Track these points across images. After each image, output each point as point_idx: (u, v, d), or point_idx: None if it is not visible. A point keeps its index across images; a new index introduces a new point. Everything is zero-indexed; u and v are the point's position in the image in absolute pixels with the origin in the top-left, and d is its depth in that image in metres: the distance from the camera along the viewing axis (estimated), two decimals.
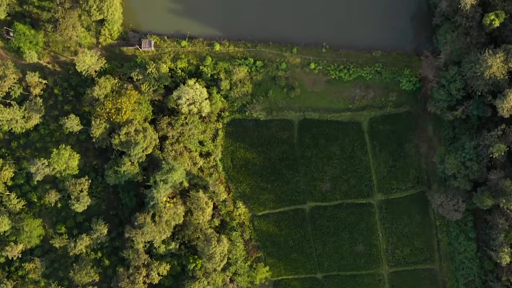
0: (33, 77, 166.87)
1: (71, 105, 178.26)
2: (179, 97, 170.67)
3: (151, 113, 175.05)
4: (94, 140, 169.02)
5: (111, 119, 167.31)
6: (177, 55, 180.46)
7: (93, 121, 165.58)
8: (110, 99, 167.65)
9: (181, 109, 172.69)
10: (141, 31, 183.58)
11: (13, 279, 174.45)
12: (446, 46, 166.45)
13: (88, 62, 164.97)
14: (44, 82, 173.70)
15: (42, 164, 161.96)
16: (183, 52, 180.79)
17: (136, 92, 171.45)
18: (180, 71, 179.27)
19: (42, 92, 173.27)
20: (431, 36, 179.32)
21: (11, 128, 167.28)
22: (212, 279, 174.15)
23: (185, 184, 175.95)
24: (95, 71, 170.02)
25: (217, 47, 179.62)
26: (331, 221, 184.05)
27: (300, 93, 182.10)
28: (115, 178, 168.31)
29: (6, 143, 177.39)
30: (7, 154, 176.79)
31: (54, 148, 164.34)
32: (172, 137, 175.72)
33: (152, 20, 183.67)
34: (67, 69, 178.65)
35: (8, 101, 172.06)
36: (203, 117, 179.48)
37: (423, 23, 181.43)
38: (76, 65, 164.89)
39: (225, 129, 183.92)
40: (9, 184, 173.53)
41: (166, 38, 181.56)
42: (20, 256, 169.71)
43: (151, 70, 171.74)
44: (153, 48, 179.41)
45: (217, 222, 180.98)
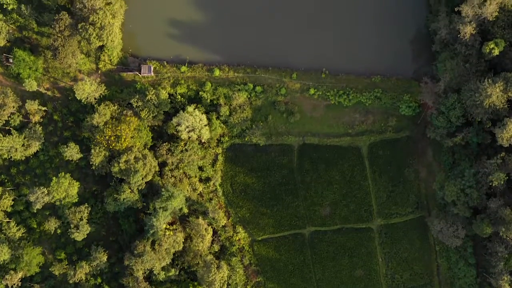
0: (32, 105, 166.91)
1: (71, 131, 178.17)
2: (179, 123, 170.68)
3: (150, 140, 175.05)
4: (93, 167, 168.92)
5: (111, 147, 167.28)
6: (177, 81, 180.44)
7: (92, 149, 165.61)
8: (110, 126, 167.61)
9: (180, 135, 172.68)
10: (141, 56, 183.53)
11: None
12: (445, 73, 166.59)
13: (88, 90, 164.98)
14: (44, 109, 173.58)
15: (42, 192, 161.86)
16: (182, 78, 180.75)
17: (136, 119, 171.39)
18: (179, 96, 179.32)
19: (41, 119, 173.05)
20: (430, 62, 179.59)
21: (11, 156, 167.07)
22: None
23: (185, 210, 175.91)
24: (95, 98, 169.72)
25: (217, 72, 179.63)
26: (330, 245, 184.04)
27: (299, 118, 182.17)
28: (114, 206, 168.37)
29: (6, 169, 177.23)
30: (6, 180, 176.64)
31: (54, 177, 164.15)
32: (172, 163, 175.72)
33: (151, 45, 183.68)
34: (66, 95, 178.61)
35: (8, 128, 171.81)
36: (202, 143, 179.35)
37: (422, 49, 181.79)
38: (76, 93, 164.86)
39: (224, 154, 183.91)
40: (9, 210, 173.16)
41: (165, 63, 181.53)
42: (19, 284, 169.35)
43: (150, 97, 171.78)
44: (152, 74, 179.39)
45: (216, 247, 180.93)
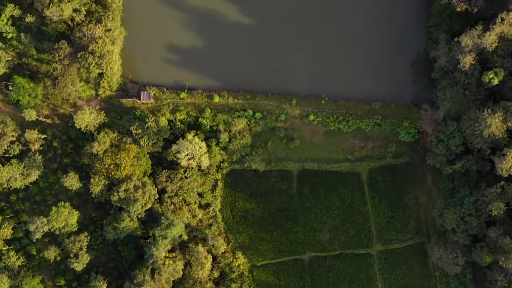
0: (32, 134, 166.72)
1: (70, 158, 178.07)
2: (178, 151, 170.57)
3: (150, 167, 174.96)
4: (93, 195, 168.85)
5: (110, 175, 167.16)
6: (176, 107, 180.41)
7: (92, 179, 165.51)
8: (109, 154, 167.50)
9: (180, 162, 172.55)
10: (140, 82, 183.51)
11: None
12: (445, 102, 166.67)
13: (87, 120, 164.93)
14: (43, 136, 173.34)
15: (41, 222, 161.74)
16: (182, 104, 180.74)
17: (135, 146, 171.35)
18: (179, 123, 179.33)
19: (41, 147, 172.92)
20: (430, 87, 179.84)
21: (10, 186, 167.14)
22: None
23: (184, 237, 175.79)
24: (94, 126, 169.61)
25: (216, 98, 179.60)
26: (330, 271, 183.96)
27: (299, 144, 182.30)
28: (114, 234, 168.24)
29: (5, 196, 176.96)
30: (6, 207, 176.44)
31: (54, 207, 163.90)
32: (171, 190, 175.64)
33: (151, 71, 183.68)
34: (66, 121, 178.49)
35: (7, 156, 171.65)
36: (202, 169, 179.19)
37: (422, 74, 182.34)
38: (75, 122, 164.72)
39: (224, 179, 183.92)
40: (8, 237, 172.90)
41: (165, 89, 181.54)
42: None
43: (150, 124, 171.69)
44: (152, 100, 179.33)
45: (216, 274, 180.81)
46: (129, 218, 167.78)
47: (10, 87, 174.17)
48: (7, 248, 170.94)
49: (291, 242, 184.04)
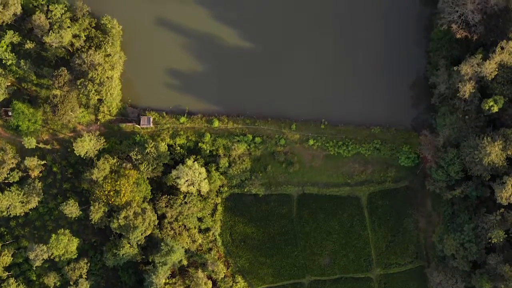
0: (31, 161, 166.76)
1: (70, 183, 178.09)
2: (178, 177, 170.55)
3: (150, 193, 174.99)
4: (92, 222, 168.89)
5: (110, 202, 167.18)
6: (176, 132, 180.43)
7: (92, 206, 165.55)
8: (109, 181, 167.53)
9: (180, 188, 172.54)
10: (140, 106, 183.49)
11: None
12: (444, 128, 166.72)
13: (87, 147, 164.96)
14: (43, 162, 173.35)
15: (41, 250, 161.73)
16: (181, 129, 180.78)
17: (135, 172, 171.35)
18: (179, 148, 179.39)
19: (40, 173, 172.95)
20: (430, 111, 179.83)
21: (10, 214, 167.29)
22: None
23: (184, 262, 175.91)
24: (94, 153, 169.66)
25: (216, 123, 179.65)
26: None
27: (299, 168, 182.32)
28: (113, 261, 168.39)
29: (5, 222, 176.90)
30: (6, 233, 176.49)
31: (53, 234, 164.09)
32: (171, 216, 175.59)
33: (150, 95, 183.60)
34: (65, 146, 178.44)
35: (7, 181, 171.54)
36: (201, 194, 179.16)
37: (422, 98, 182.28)
38: (75, 150, 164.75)
39: (224, 204, 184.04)
40: (8, 263, 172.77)
41: (164, 114, 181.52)
42: None
43: (149, 150, 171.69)
44: (151, 125, 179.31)
45: None
46: (129, 245, 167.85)
47: (10, 113, 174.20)
48: (6, 275, 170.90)
49: (291, 266, 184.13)
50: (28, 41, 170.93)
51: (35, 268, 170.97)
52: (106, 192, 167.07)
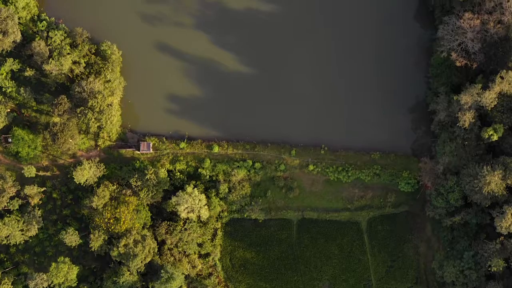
0: (31, 190, 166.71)
1: (70, 209, 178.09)
2: (178, 203, 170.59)
3: (149, 219, 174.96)
4: (92, 249, 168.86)
5: (110, 229, 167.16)
6: (176, 157, 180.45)
7: (92, 234, 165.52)
8: (109, 208, 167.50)
9: (179, 214, 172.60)
10: (140, 132, 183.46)
11: None
12: (444, 156, 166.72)
13: (86, 175, 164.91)
14: (43, 189, 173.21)
15: (41, 279, 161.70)
16: (181, 154, 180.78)
17: (135, 198, 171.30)
18: (178, 173, 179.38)
19: (40, 201, 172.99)
20: (429, 136, 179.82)
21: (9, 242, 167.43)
22: None
23: None
24: (94, 180, 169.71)
25: (216, 148, 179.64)
26: None
27: (298, 193, 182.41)
28: None
29: (5, 248, 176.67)
30: (6, 259, 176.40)
31: (53, 263, 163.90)
32: (171, 242, 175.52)
33: (150, 120, 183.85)
34: (65, 172, 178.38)
35: (8, 208, 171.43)
36: (201, 220, 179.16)
37: (422, 125, 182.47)
38: (75, 178, 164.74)
39: (223, 228, 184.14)
40: None
41: (164, 139, 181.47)
42: None
43: (149, 176, 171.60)
44: (151, 151, 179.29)
45: None
46: (129, 272, 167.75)
47: (10, 139, 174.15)
48: None
49: None
50: (28, 68, 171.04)
51: None
52: (106, 220, 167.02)
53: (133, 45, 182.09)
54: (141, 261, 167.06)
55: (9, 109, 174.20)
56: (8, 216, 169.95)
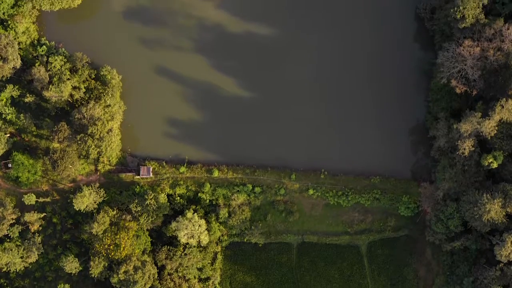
0: (32, 217, 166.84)
1: (70, 233, 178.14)
2: (178, 229, 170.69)
3: (149, 245, 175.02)
4: (92, 276, 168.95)
5: (110, 256, 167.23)
6: (176, 181, 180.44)
7: (91, 261, 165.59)
8: (109, 234, 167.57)
9: (179, 240, 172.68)
10: (140, 156, 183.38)
11: None
12: (444, 182, 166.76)
13: (86, 202, 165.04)
14: (43, 215, 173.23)
15: None
16: (181, 178, 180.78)
17: (135, 224, 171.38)
18: (178, 198, 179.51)
19: (40, 227, 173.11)
20: (430, 162, 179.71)
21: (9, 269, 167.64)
22: None
23: None
24: (94, 206, 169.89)
25: (216, 173, 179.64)
26: None
27: (298, 217, 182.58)
28: None
29: (5, 273, 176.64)
30: (5, 284, 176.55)
31: None
32: (171, 268, 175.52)
33: (150, 144, 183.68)
34: (65, 197, 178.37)
35: (7, 233, 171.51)
36: (201, 245, 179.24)
37: (421, 149, 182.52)
38: (74, 206, 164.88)
39: (223, 252, 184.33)
40: None
41: (164, 163, 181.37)
42: None
43: (149, 202, 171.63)
44: (151, 175, 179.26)
45: None
46: None
47: (10, 165, 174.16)
48: None
49: None
50: (28, 94, 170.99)
51: None
52: (106, 246, 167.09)
53: (133, 69, 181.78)
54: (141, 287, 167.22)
55: (8, 134, 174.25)
56: (8, 241, 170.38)
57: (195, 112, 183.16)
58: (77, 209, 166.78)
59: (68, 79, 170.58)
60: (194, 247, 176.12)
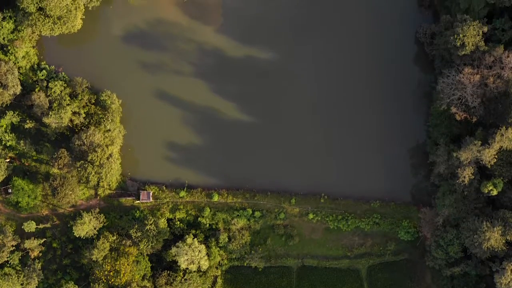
0: (32, 244, 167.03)
1: (70, 258, 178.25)
2: (178, 254, 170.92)
3: (149, 270, 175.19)
4: None
5: (110, 282, 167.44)
6: (176, 206, 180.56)
7: None
8: (109, 260, 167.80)
9: (179, 264, 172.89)
10: (140, 180, 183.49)
11: None
12: (443, 208, 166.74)
13: (86, 229, 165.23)
14: (43, 241, 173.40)
15: None
16: (181, 203, 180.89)
17: (135, 249, 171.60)
18: (178, 222, 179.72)
19: (40, 253, 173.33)
20: (429, 186, 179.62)
21: None
22: None
23: None
24: (94, 233, 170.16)
25: (216, 197, 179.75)
26: None
27: (298, 240, 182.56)
28: None
29: None
30: None
31: None
32: None
33: (150, 168, 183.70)
34: (65, 222, 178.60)
35: (7, 259, 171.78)
36: (201, 269, 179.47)
37: (421, 173, 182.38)
38: (74, 233, 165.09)
39: (223, 276, 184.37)
40: None
41: (164, 188, 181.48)
42: None
43: (149, 227, 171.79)
44: (151, 200, 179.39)
45: None
46: None
47: (10, 190, 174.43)
48: None
49: None
50: (28, 119, 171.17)
51: None
52: (106, 273, 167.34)
53: (132, 93, 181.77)
54: None
55: (8, 159, 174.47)
56: (8, 265, 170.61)
57: (195, 136, 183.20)
58: (77, 235, 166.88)
59: (68, 104, 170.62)
60: (194, 272, 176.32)
